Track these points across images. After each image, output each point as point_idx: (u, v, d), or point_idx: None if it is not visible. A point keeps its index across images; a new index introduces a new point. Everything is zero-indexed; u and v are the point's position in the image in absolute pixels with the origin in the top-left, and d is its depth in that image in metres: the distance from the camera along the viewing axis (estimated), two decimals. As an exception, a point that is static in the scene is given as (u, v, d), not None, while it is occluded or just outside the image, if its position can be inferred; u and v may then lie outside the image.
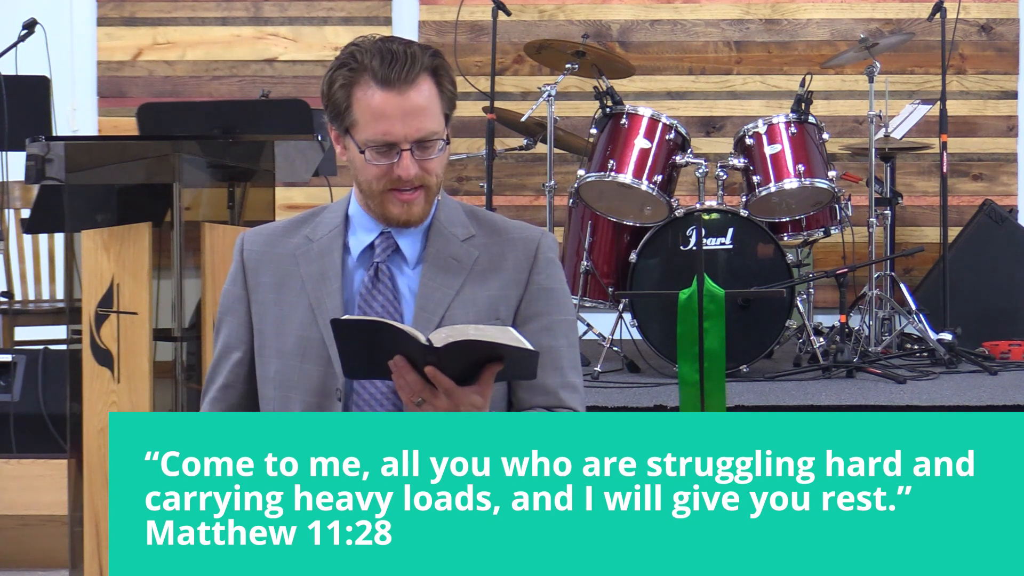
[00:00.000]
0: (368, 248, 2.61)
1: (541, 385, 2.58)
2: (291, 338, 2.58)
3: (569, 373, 2.63)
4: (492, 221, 2.67)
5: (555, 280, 2.64)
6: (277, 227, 2.68)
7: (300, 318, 2.58)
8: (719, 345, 4.57)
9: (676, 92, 7.16)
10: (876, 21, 7.12)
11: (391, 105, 2.50)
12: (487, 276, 2.60)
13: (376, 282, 2.58)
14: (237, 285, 2.66)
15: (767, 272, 5.67)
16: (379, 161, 2.52)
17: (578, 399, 2.63)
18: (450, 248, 2.61)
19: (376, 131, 2.51)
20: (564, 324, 2.63)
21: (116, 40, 7.19)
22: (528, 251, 2.63)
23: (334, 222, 2.64)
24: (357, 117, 2.52)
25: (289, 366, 2.58)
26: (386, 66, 2.49)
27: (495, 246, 2.63)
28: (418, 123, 2.51)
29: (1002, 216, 6.60)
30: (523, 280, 2.61)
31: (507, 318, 2.59)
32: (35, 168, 4.17)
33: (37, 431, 5.03)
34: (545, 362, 2.54)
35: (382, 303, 2.57)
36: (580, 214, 6.02)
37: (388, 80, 2.49)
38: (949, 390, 5.41)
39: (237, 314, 2.65)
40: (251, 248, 2.66)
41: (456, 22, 6.84)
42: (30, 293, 6.25)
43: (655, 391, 5.41)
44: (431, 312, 2.56)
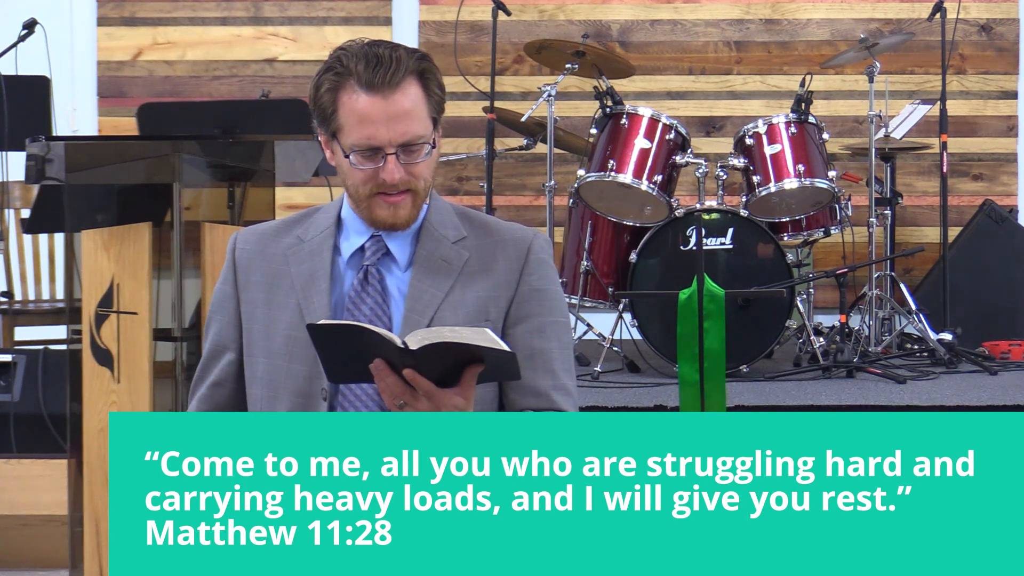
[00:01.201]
0: (359, 250, 2.61)
1: (532, 387, 2.58)
2: (279, 338, 2.58)
3: (561, 375, 2.61)
4: (484, 222, 2.66)
5: (547, 281, 2.63)
6: (270, 227, 2.68)
7: (288, 318, 2.58)
8: (719, 345, 4.57)
9: (676, 92, 7.16)
10: (876, 21, 7.12)
11: (375, 109, 2.49)
12: (477, 278, 2.59)
13: (365, 284, 2.58)
14: (228, 284, 2.65)
15: (767, 272, 5.67)
16: (364, 165, 2.52)
17: (570, 401, 2.62)
18: (440, 250, 2.60)
19: (361, 135, 2.50)
20: (556, 325, 2.62)
21: (116, 40, 7.19)
22: (519, 252, 2.62)
23: (326, 223, 2.64)
24: (343, 121, 2.52)
25: (276, 366, 2.58)
26: (371, 70, 2.49)
27: (486, 248, 2.62)
28: (403, 127, 2.50)
29: (1002, 216, 6.60)
30: (514, 281, 2.60)
31: (497, 319, 2.58)
32: (35, 168, 4.17)
33: (37, 431, 5.03)
34: (536, 364, 2.54)
35: (371, 305, 2.57)
36: (580, 214, 6.02)
37: (372, 84, 2.49)
38: (949, 390, 5.41)
39: (227, 312, 2.65)
40: (243, 247, 2.66)
41: (456, 22, 6.84)
42: (30, 293, 6.25)
43: (655, 391, 5.40)
44: (420, 314, 2.55)
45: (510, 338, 2.57)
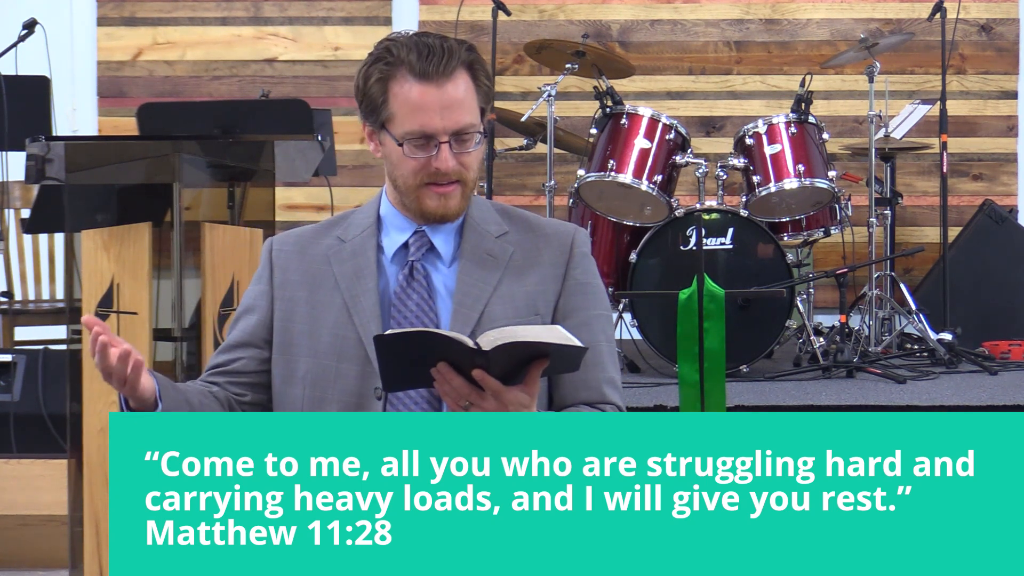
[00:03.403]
0: (402, 247, 2.60)
1: (583, 380, 2.58)
2: (325, 338, 2.56)
3: (609, 368, 2.63)
4: (524, 218, 2.67)
5: (591, 275, 2.64)
6: (306, 230, 2.68)
7: (335, 317, 2.57)
8: (719, 345, 4.57)
9: (676, 92, 7.16)
10: (876, 21, 7.12)
11: (429, 98, 2.50)
12: (524, 271, 2.60)
13: (411, 280, 2.57)
14: (263, 283, 2.64)
15: (767, 272, 5.67)
16: (417, 154, 2.52)
17: (619, 395, 2.63)
18: (485, 244, 2.60)
19: (414, 124, 2.51)
20: (601, 319, 2.64)
21: (116, 40, 7.19)
22: (563, 246, 2.63)
23: (366, 223, 2.63)
24: (394, 111, 2.52)
25: (324, 366, 2.56)
26: (423, 60, 2.50)
27: (529, 242, 2.63)
28: (456, 116, 2.51)
29: (1002, 216, 6.60)
30: (560, 275, 2.61)
31: (546, 313, 2.59)
32: (35, 168, 4.17)
33: (37, 431, 5.03)
34: (587, 357, 2.54)
35: (416, 301, 2.56)
36: (580, 214, 6.02)
37: (426, 73, 2.49)
38: (949, 390, 5.41)
39: (259, 311, 2.63)
40: (280, 249, 2.65)
41: (456, 22, 6.84)
42: (30, 293, 6.25)
43: (655, 391, 5.41)
44: (470, 308, 2.55)
45: None
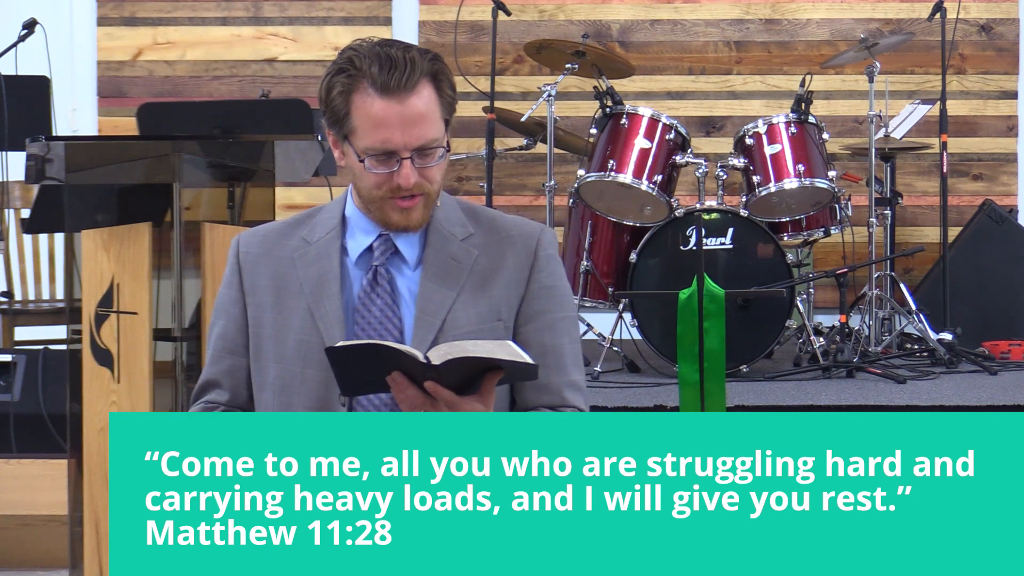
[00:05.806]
0: (367, 250, 2.59)
1: (545, 384, 2.57)
2: (290, 343, 2.56)
3: (572, 371, 2.61)
4: (490, 218, 2.65)
5: (556, 277, 2.62)
6: (273, 228, 2.66)
7: (299, 323, 2.56)
8: (719, 345, 4.57)
9: (676, 92, 7.16)
10: (876, 21, 7.12)
11: (391, 113, 2.46)
12: (488, 278, 2.58)
13: (375, 285, 2.56)
14: (233, 288, 2.63)
15: (767, 272, 5.67)
16: (378, 169, 2.50)
17: (582, 397, 2.62)
18: (449, 248, 2.59)
19: (375, 139, 2.48)
20: (566, 321, 2.62)
21: (116, 40, 7.19)
22: (528, 249, 2.61)
23: (331, 224, 2.61)
24: (356, 124, 2.49)
25: (289, 371, 2.55)
26: (385, 72, 2.46)
27: (494, 244, 2.61)
28: (418, 131, 2.48)
29: (1002, 216, 6.60)
30: (524, 279, 2.60)
31: (509, 319, 2.58)
32: (35, 168, 4.16)
33: (37, 431, 5.03)
34: (549, 361, 2.53)
35: (380, 307, 2.55)
36: (580, 214, 6.02)
37: (387, 87, 2.46)
38: (949, 390, 5.41)
39: (232, 317, 2.62)
40: (247, 250, 2.63)
41: (456, 22, 6.84)
42: (30, 293, 6.25)
43: (655, 391, 5.41)
44: (432, 315, 2.54)
45: (521, 336, 2.57)
